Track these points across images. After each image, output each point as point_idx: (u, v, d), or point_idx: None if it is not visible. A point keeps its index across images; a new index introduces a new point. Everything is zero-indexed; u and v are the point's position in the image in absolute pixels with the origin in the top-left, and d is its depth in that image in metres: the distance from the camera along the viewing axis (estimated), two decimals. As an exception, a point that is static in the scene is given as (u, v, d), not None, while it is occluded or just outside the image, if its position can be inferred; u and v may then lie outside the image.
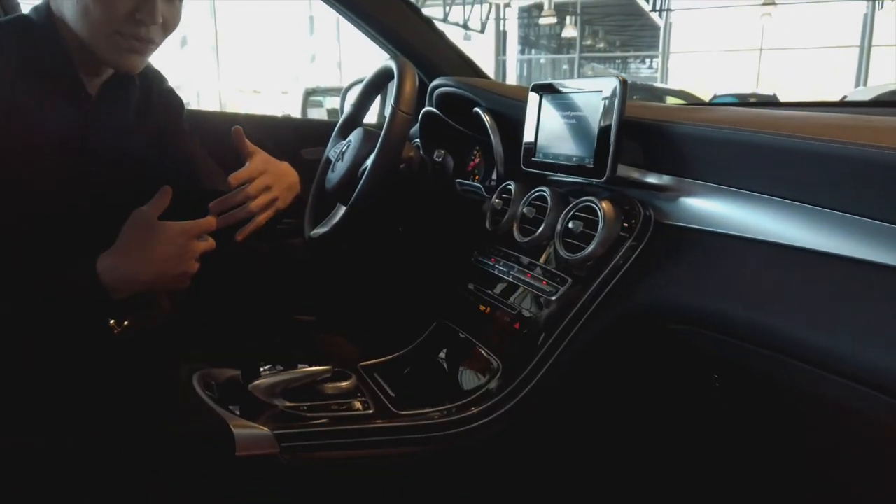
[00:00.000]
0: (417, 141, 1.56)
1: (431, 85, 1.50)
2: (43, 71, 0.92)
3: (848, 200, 0.66)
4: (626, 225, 0.95)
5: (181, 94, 1.24)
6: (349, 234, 1.26)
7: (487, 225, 1.21)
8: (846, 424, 0.81)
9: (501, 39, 16.98)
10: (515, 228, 1.12)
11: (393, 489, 0.95)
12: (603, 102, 0.99)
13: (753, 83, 14.09)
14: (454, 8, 13.28)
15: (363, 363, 1.14)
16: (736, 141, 0.83)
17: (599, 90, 1.00)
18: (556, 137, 1.10)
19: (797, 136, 0.73)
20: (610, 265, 0.93)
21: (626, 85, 0.97)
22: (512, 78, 17.63)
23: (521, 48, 18.43)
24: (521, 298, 1.05)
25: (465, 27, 13.95)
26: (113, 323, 1.05)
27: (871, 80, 12.84)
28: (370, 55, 1.74)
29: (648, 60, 19.61)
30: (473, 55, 1.75)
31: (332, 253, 1.45)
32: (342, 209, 1.37)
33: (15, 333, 0.89)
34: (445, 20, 13.19)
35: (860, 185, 0.66)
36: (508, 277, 1.09)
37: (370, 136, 1.29)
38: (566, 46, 17.93)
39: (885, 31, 12.85)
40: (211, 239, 0.97)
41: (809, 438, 0.92)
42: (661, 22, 15.84)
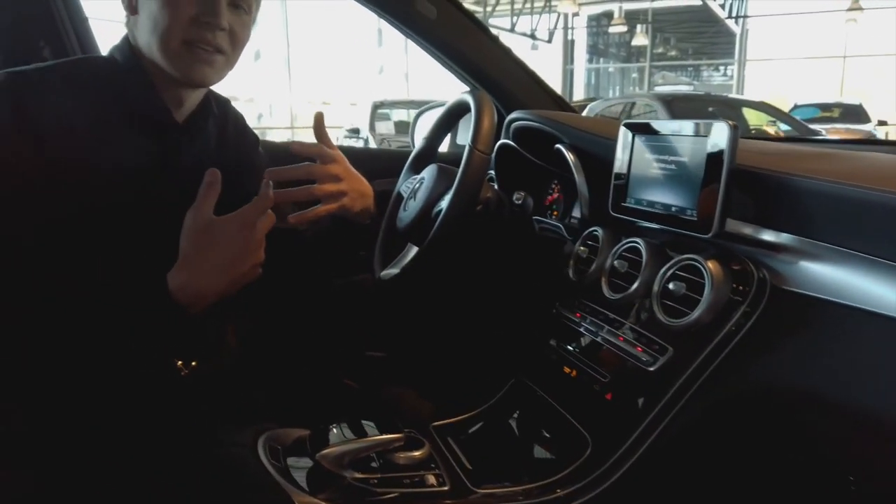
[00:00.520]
0: (492, 172, 1.48)
1: (508, 118, 1.42)
2: (131, 103, 0.94)
3: None
4: (737, 288, 0.83)
5: (254, 106, 1.24)
6: (421, 276, 1.20)
7: (571, 274, 1.12)
8: None
9: (569, 49, 16.76)
10: (604, 282, 1.02)
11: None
12: (709, 148, 0.88)
13: (836, 91, 13.40)
14: (521, 18, 13.17)
15: (436, 423, 1.06)
16: (871, 202, 0.72)
17: (705, 134, 0.89)
18: (650, 182, 1.00)
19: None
20: (719, 335, 0.82)
21: (737, 130, 0.86)
22: (580, 87, 17.39)
23: (589, 57, 18.15)
24: (611, 364, 0.95)
25: (532, 37, 13.84)
26: (180, 364, 1.02)
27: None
28: (437, 67, 1.67)
29: (722, 68, 18.98)
30: (540, 65, 1.67)
31: (403, 293, 1.38)
32: (413, 249, 1.31)
33: (88, 365, 0.87)
34: (512, 30, 13.12)
35: None
36: (597, 338, 0.99)
37: (444, 174, 1.22)
38: (636, 55, 17.56)
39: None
40: (271, 213, 0.90)
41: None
42: (737, 29, 15.27)
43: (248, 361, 1.16)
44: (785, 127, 7.25)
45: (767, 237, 0.84)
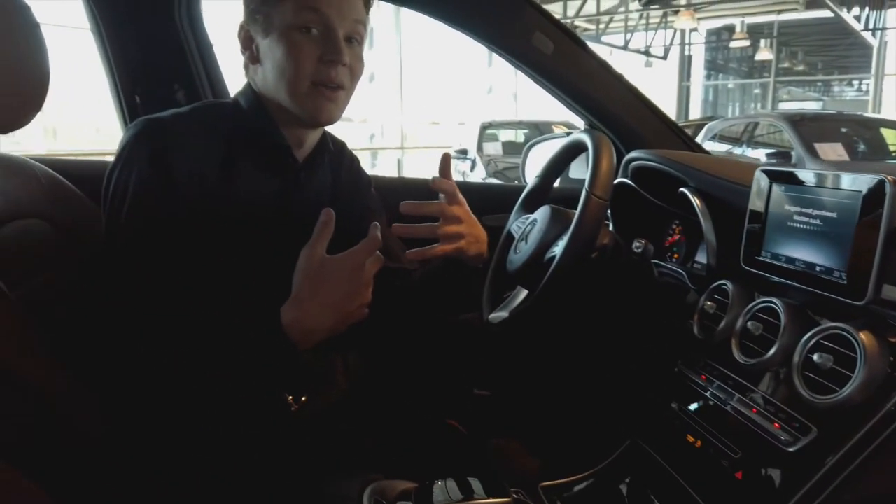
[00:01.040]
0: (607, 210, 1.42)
1: (627, 157, 1.35)
2: (256, 142, 0.98)
3: None
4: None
5: (368, 126, 1.25)
6: (531, 322, 1.15)
7: (696, 330, 1.03)
8: None
9: (686, 64, 16.15)
10: (735, 344, 0.94)
11: None
12: (863, 204, 0.78)
13: None
14: (634, 35, 12.85)
15: (545, 483, 1.00)
16: None
17: (858, 189, 0.79)
18: (790, 236, 0.91)
19: None
20: (874, 418, 0.72)
21: (897, 187, 0.76)
22: (696, 104, 16.68)
23: (707, 73, 17.41)
24: (743, 438, 0.86)
25: (646, 54, 13.45)
26: (290, 399, 1.03)
27: None
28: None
29: (856, 83, 17.63)
30: (654, 82, 1.58)
31: (512, 337, 1.34)
32: (522, 291, 1.27)
33: (202, 401, 0.90)
34: (625, 48, 12.81)
35: None
36: (726, 406, 0.91)
37: (558, 217, 1.18)
38: (759, 69, 16.64)
39: None
40: (380, 255, 0.90)
41: None
42: (874, 41, 14.13)
43: (355, 399, 1.16)
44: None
45: (935, 308, 0.73)
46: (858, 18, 11.21)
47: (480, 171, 7.24)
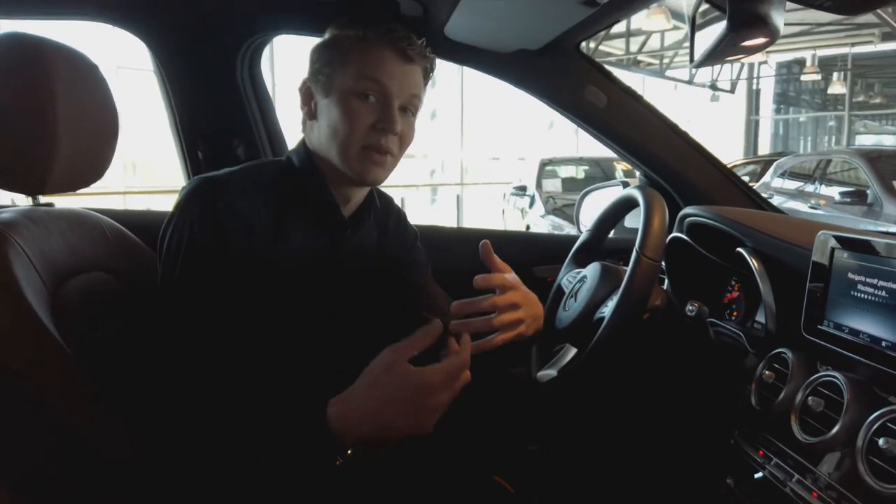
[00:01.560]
0: (661, 264, 1.38)
1: (682, 213, 1.32)
2: (304, 199, 1.01)
3: None
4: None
5: (428, 162, 1.27)
6: (580, 383, 1.13)
7: (754, 401, 0.98)
8: None
9: (754, 98, 15.76)
10: (794, 419, 0.88)
11: None
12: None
13: None
14: (700, 68, 12.65)
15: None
16: None
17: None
18: (854, 307, 0.86)
19: None
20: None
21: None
22: (766, 138, 16.20)
23: (776, 106, 16.92)
24: (803, 524, 0.81)
25: (712, 88, 13.21)
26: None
27: None
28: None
29: (941, 116, 16.78)
30: (721, 116, 1.53)
31: (561, 396, 1.31)
32: (571, 349, 1.24)
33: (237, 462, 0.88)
34: (691, 82, 12.62)
35: None
36: (784, 488, 0.85)
37: (608, 275, 1.15)
38: (832, 102, 16.05)
39: None
40: (467, 373, 0.86)
41: None
42: (959, 72, 13.47)
43: (401, 453, 1.15)
44: None
45: None
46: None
47: (539, 208, 7.20)
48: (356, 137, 0.96)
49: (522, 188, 7.82)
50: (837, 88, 14.01)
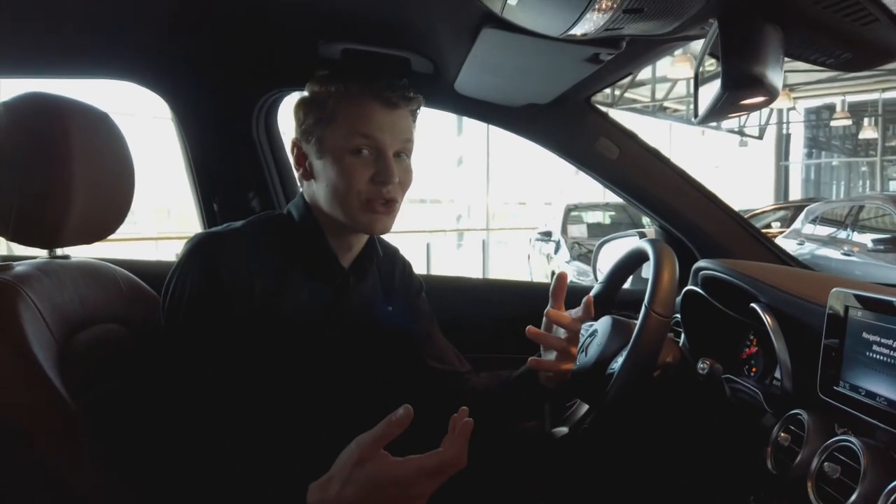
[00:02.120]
0: (677, 317, 1.35)
1: (696, 266, 1.30)
2: (304, 252, 1.02)
3: None
4: None
5: (455, 207, 1.27)
6: (592, 439, 1.10)
7: (770, 464, 0.94)
8: None
9: (784, 143, 15.64)
10: (810, 486, 0.84)
11: None
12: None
13: None
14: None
15: None
16: None
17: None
18: (870, 368, 0.83)
19: None
20: None
21: None
22: (797, 183, 16.01)
23: (807, 151, 16.76)
24: None
25: (740, 133, 13.17)
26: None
27: None
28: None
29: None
30: (751, 161, 1.51)
31: (574, 453, 1.28)
32: (584, 405, 1.22)
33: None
34: (718, 128, 12.61)
35: None
36: (800, 559, 0.81)
37: (619, 329, 1.14)
38: (864, 147, 15.85)
39: None
40: (439, 473, 0.77)
41: None
42: None
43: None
44: None
45: None
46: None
47: (564, 253, 7.17)
48: (356, 193, 0.97)
49: (548, 233, 7.81)
50: (869, 133, 13.85)
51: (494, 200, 12.31)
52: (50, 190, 0.92)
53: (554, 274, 6.51)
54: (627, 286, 1.62)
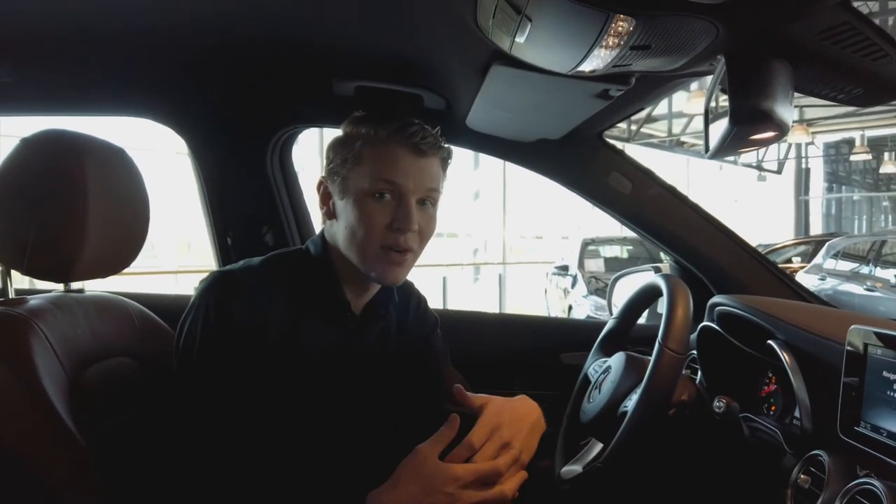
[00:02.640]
0: (694, 353, 1.32)
1: (711, 302, 1.28)
2: (317, 295, 1.01)
3: None
4: None
5: (472, 241, 1.25)
6: (605, 480, 1.07)
7: (789, 508, 0.91)
8: None
9: (803, 178, 15.53)
10: (831, 531, 0.82)
11: None
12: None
13: None
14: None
15: None
16: None
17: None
18: (892, 407, 0.80)
19: None
20: None
21: None
22: (817, 217, 15.85)
23: (827, 185, 16.62)
24: None
25: (759, 168, 13.11)
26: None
27: None
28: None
29: None
30: (770, 196, 1.49)
31: (586, 493, 1.25)
32: (597, 444, 1.19)
33: None
34: (736, 163, 12.57)
35: None
36: None
37: (633, 366, 1.12)
38: (885, 182, 15.69)
39: None
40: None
41: None
42: None
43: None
44: None
45: None
46: None
47: (581, 288, 7.13)
48: (373, 239, 0.96)
49: (564, 268, 7.78)
50: (890, 168, 13.72)
51: (511, 234, 12.32)
52: (65, 225, 0.94)
53: (571, 309, 6.37)
54: (643, 322, 1.60)
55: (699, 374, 1.30)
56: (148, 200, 1.08)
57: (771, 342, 1.06)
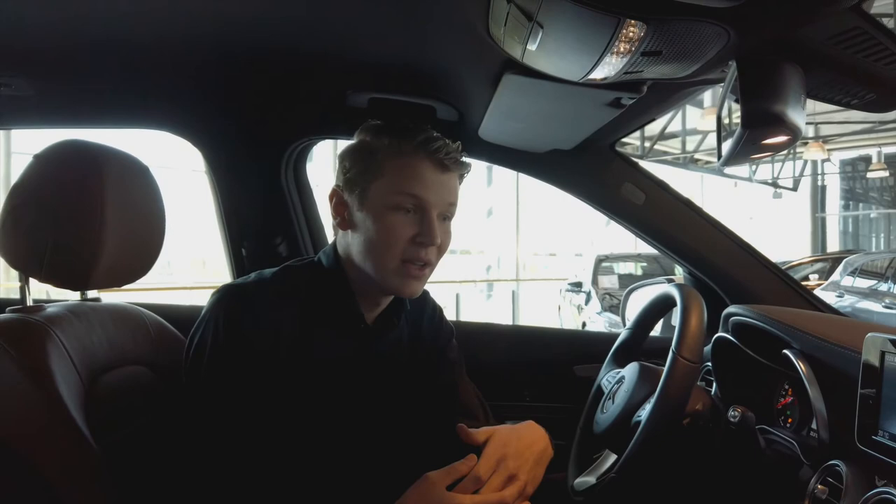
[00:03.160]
0: (709, 365, 1.31)
1: (725, 312, 1.27)
2: (330, 308, 1.00)
3: None
4: None
5: (485, 258, 1.25)
6: (619, 491, 1.06)
7: (807, 518, 0.90)
8: None
9: (819, 195, 15.40)
10: (850, 542, 0.80)
11: None
12: None
13: None
14: (760, 166, 12.53)
15: None
16: None
17: None
18: (911, 416, 0.79)
19: None
20: None
21: None
22: (834, 235, 15.68)
23: (844, 203, 16.46)
24: None
25: (774, 185, 13.02)
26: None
27: None
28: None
29: None
30: (786, 213, 1.48)
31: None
32: (611, 455, 1.18)
33: None
34: (751, 180, 12.49)
35: None
36: None
37: (647, 376, 1.11)
38: (904, 199, 15.52)
39: None
40: None
41: None
42: None
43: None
44: None
45: None
46: None
47: (595, 304, 7.09)
48: (395, 252, 0.95)
49: (578, 284, 7.75)
50: (907, 185, 13.58)
51: (524, 251, 12.29)
52: (82, 234, 0.95)
53: (585, 326, 6.33)
54: (658, 334, 1.59)
55: (714, 386, 1.29)
56: (164, 211, 1.10)
57: (786, 352, 1.05)
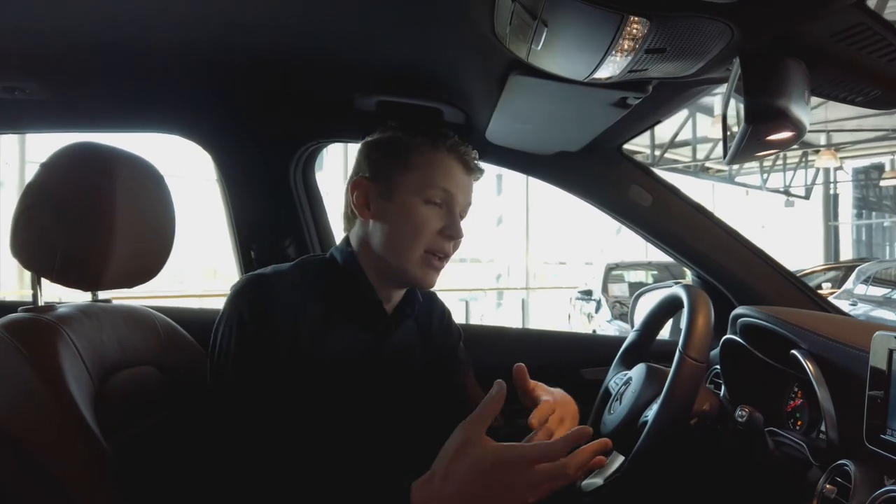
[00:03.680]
0: (717, 368, 1.31)
1: (734, 313, 1.27)
2: (349, 298, 1.02)
3: None
4: None
5: (495, 266, 1.27)
6: (626, 492, 1.06)
7: (816, 518, 0.89)
8: None
9: (831, 203, 15.29)
10: (859, 542, 0.79)
11: None
12: None
13: None
14: (772, 174, 12.47)
15: None
16: None
17: None
18: (920, 414, 0.78)
19: None
20: None
21: None
22: (847, 243, 15.56)
23: (856, 211, 16.33)
24: None
25: (786, 193, 12.94)
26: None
27: None
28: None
29: None
30: (798, 222, 1.48)
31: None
32: (618, 456, 1.17)
33: None
34: (763, 188, 12.43)
35: None
36: None
37: (654, 377, 1.11)
38: (918, 207, 15.39)
39: None
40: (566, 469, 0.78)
41: None
42: None
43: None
44: None
45: None
46: None
47: (605, 313, 7.07)
48: (422, 242, 1.00)
49: (588, 293, 7.73)
50: (921, 192, 13.47)
51: (534, 260, 12.27)
52: (93, 235, 0.96)
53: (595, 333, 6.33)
54: (666, 337, 1.58)
55: (723, 388, 1.29)
56: (174, 214, 1.11)
57: (795, 352, 1.05)
